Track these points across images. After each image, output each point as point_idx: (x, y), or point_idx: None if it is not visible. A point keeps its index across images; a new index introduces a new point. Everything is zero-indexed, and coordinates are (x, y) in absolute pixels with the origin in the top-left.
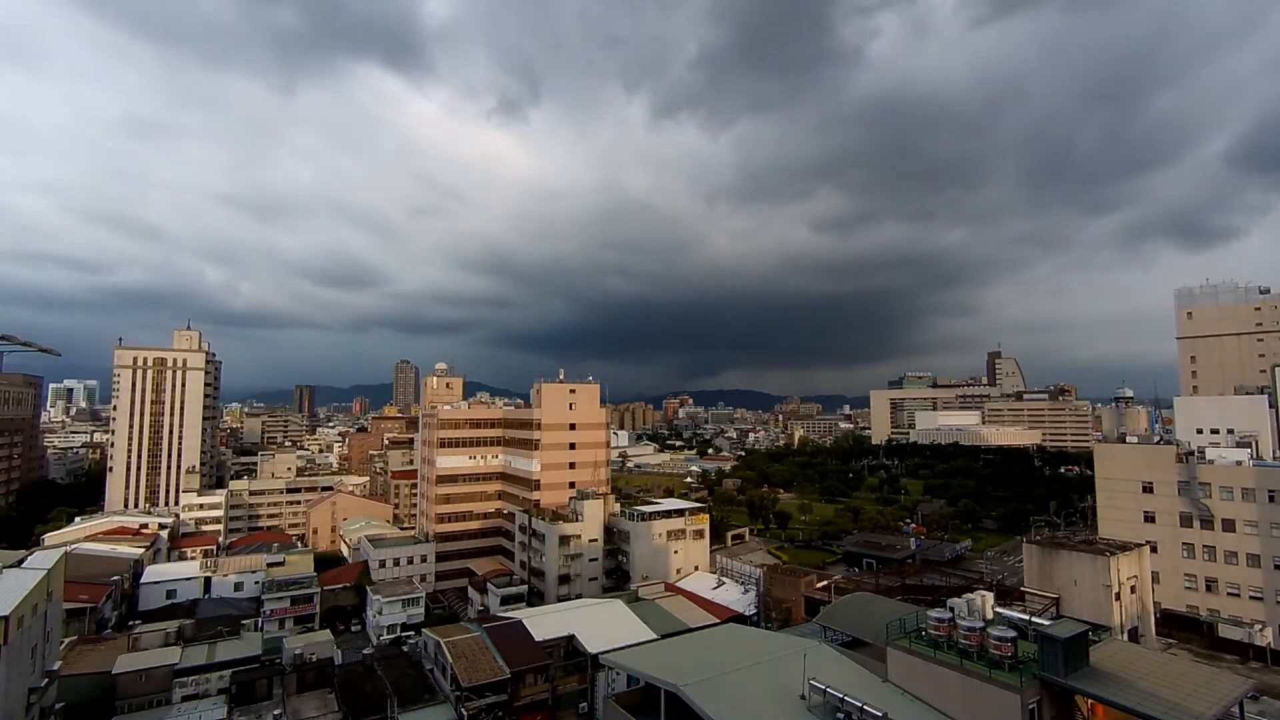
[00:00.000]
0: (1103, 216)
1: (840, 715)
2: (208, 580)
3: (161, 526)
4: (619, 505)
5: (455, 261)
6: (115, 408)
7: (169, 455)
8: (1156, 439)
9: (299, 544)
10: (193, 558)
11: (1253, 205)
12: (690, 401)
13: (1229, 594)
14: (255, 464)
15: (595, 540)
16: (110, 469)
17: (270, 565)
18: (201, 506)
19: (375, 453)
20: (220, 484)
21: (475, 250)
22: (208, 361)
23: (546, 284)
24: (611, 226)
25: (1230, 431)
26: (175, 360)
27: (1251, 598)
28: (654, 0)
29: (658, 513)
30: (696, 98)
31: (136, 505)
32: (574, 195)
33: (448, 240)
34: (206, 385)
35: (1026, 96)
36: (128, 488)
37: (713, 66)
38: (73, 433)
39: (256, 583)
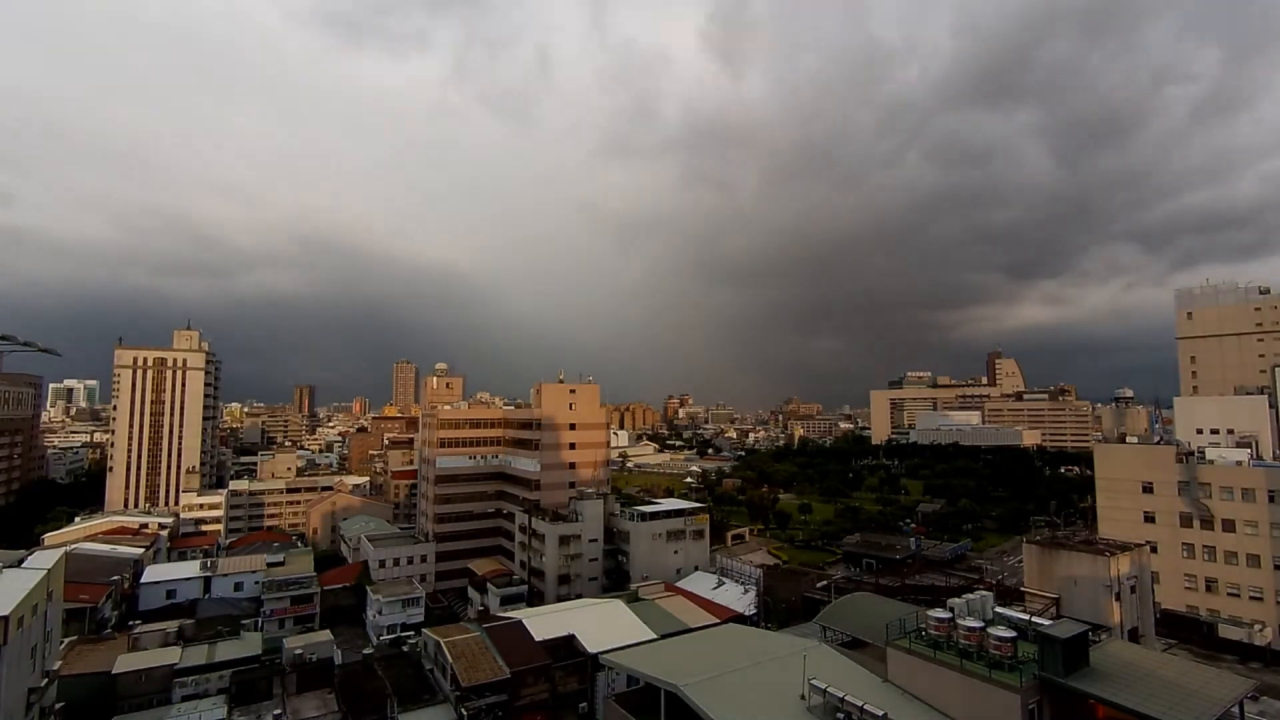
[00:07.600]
0: None
1: (840, 715)
2: (208, 580)
3: (161, 526)
4: (619, 505)
5: None
6: (115, 408)
7: (169, 455)
8: (1156, 439)
9: (299, 544)
10: (193, 558)
11: None
12: (690, 401)
13: (1229, 594)
14: (255, 464)
15: (595, 540)
16: (110, 469)
17: (270, 565)
18: (201, 506)
19: (375, 453)
20: (220, 484)
21: None
22: (208, 361)
23: None
24: None
25: (1230, 432)
26: (175, 360)
27: (1251, 598)
28: None
29: (658, 513)
30: None
31: (136, 505)
32: None
33: None
34: (206, 385)
35: None
36: (128, 488)
37: None
38: (73, 433)
39: (256, 583)
